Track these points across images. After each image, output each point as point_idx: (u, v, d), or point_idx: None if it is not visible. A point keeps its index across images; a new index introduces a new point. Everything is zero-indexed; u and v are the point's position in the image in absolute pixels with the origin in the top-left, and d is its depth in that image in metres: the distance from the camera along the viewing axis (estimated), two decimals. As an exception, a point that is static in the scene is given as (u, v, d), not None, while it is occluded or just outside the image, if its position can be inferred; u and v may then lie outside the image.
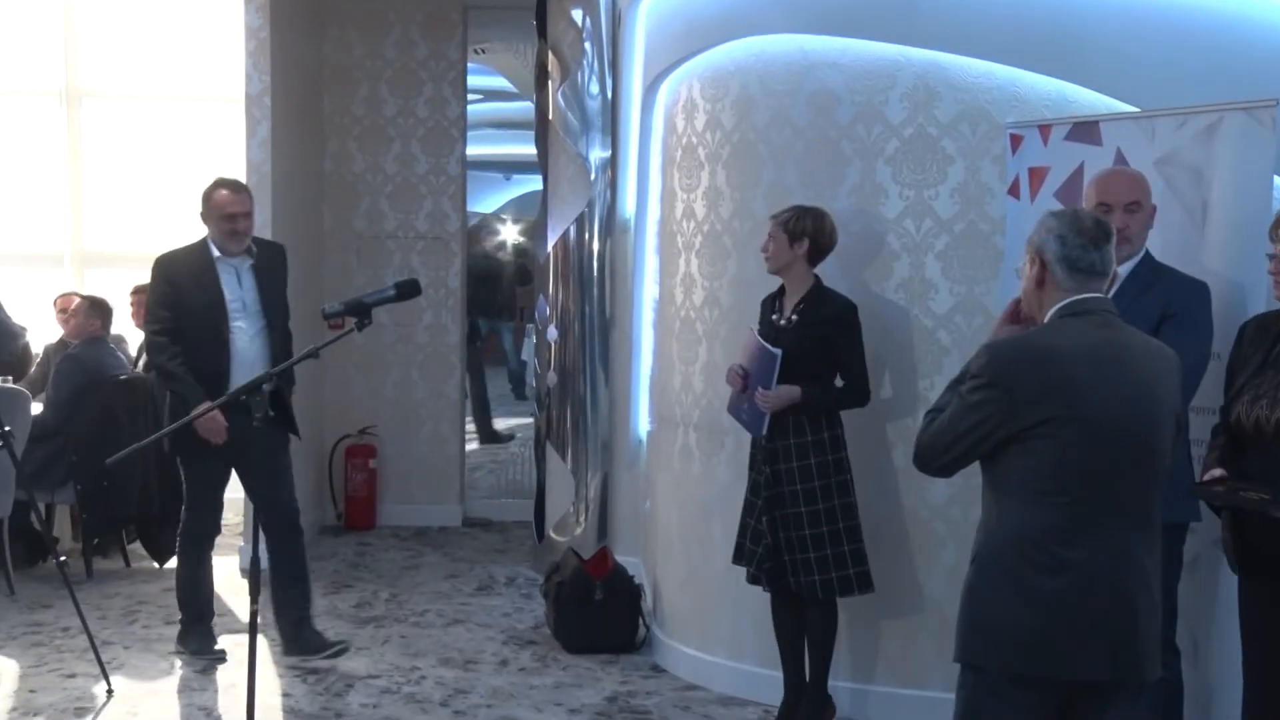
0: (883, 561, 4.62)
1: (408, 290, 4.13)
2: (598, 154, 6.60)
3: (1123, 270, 3.64)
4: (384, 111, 8.18)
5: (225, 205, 5.17)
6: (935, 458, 2.91)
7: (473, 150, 8.40)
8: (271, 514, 5.16)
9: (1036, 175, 4.31)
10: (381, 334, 8.11)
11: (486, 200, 9.20)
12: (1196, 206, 3.82)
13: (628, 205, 6.51)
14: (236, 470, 5.36)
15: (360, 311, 3.95)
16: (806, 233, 4.48)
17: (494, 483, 8.96)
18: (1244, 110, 3.74)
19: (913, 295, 4.69)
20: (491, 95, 8.88)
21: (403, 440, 8.24)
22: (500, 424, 9.81)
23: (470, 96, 8.36)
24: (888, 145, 4.71)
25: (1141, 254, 3.69)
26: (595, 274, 6.64)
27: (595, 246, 6.64)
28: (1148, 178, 3.82)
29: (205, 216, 5.22)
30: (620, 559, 5.99)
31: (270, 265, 5.33)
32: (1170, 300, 3.57)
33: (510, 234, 9.18)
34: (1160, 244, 3.82)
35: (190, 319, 5.16)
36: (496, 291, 13.28)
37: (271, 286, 5.31)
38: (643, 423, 6.32)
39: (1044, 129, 4.30)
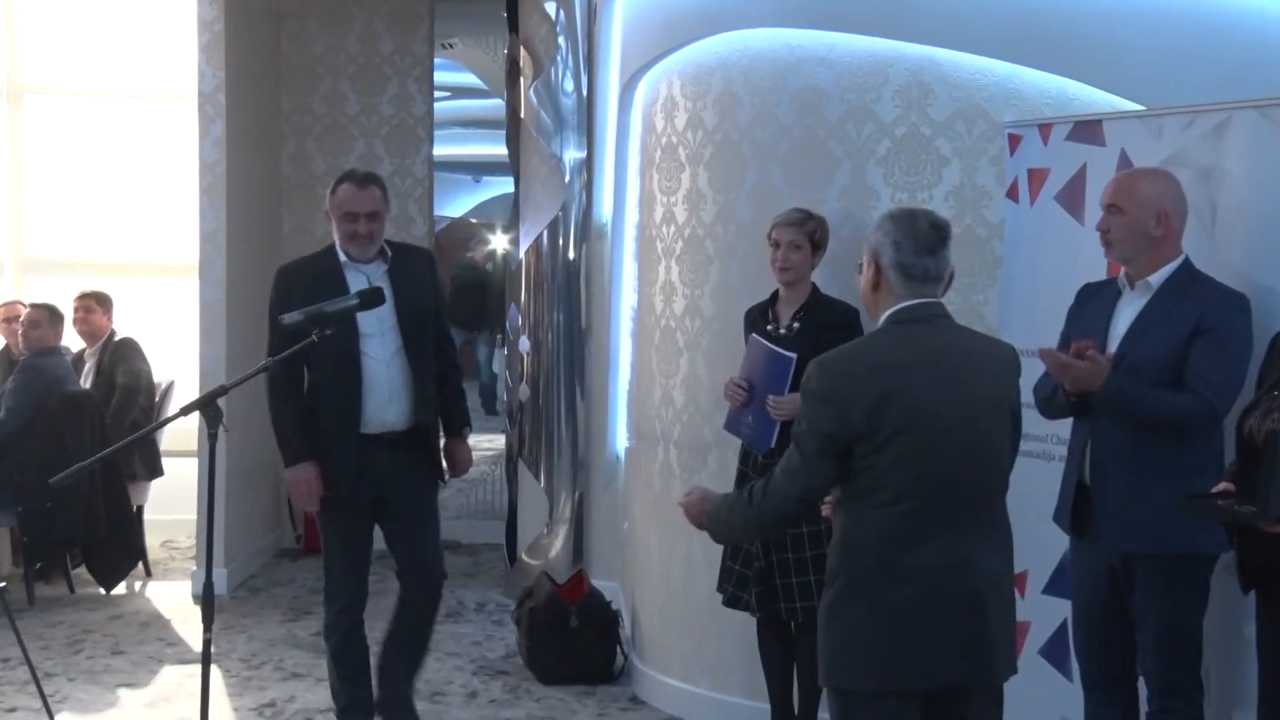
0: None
1: (370, 299, 4.10)
2: (572, 154, 6.59)
3: (1155, 279, 3.64)
4: (346, 109, 8.14)
5: (345, 202, 4.53)
6: (785, 503, 3.04)
7: (440, 150, 8.38)
8: (413, 573, 4.75)
9: (1036, 177, 4.31)
10: (343, 345, 8.06)
11: (455, 203, 9.16)
12: (1205, 209, 3.81)
13: (604, 209, 6.49)
14: (379, 522, 4.73)
15: (321, 321, 3.91)
16: (826, 241, 4.53)
17: (463, 502, 8.91)
18: (1255, 108, 3.74)
19: (906, 304, 4.67)
20: (460, 92, 8.85)
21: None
22: (470, 440, 9.79)
23: (437, 94, 8.34)
24: (879, 145, 4.71)
25: (1180, 260, 3.65)
26: (570, 281, 6.62)
27: (570, 253, 6.62)
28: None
29: (329, 215, 4.64)
30: (597, 583, 5.96)
31: (410, 274, 4.64)
32: (1205, 313, 3.54)
33: (501, 242, 9.14)
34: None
35: (314, 342, 4.45)
36: (482, 302, 13.30)
37: (411, 299, 4.60)
38: (620, 439, 6.30)
39: (1044, 128, 4.30)
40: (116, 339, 7.27)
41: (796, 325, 4.48)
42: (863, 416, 2.92)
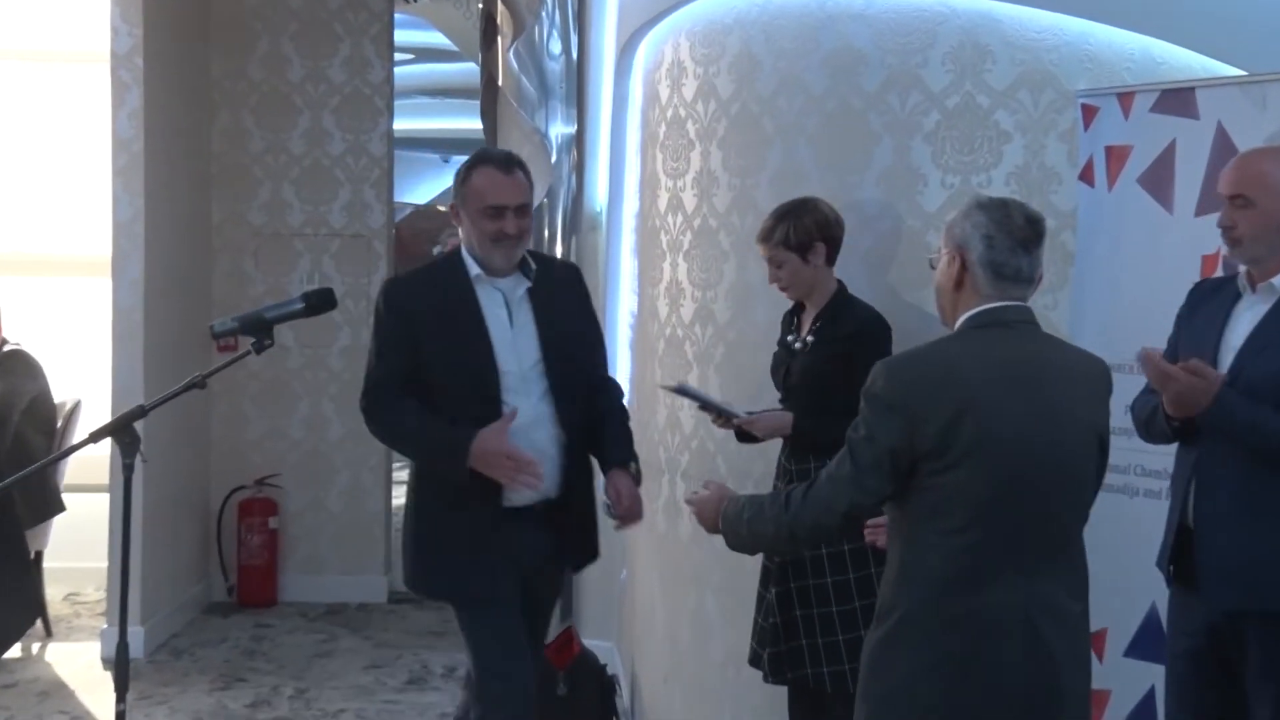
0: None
1: (319, 302, 4.10)
2: (560, 129, 6.59)
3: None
4: (288, 75, 8.15)
5: (489, 191, 4.18)
6: (828, 516, 3.12)
7: (401, 125, 8.38)
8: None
9: (1116, 156, 4.31)
10: (286, 358, 8.07)
11: (419, 188, 9.20)
12: (1319, 195, 3.81)
13: (598, 194, 6.50)
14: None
15: (259, 329, 3.91)
16: (814, 235, 4.45)
17: (428, 546, 8.91)
18: (1379, 73, 3.75)
19: (960, 308, 4.67)
20: (425, 55, 8.89)
21: (312, 493, 8.19)
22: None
23: (398, 57, 8.35)
24: (926, 118, 4.71)
25: None
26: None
27: (558, 247, 6.61)
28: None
29: (458, 210, 4.27)
30: (589, 643, 5.95)
31: (558, 295, 4.34)
32: None
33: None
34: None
35: (441, 372, 4.20)
36: None
37: (561, 330, 4.29)
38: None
39: (1125, 98, 4.31)
40: (6, 349, 7.21)
41: (811, 338, 4.46)
42: (933, 431, 3.00)
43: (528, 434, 4.14)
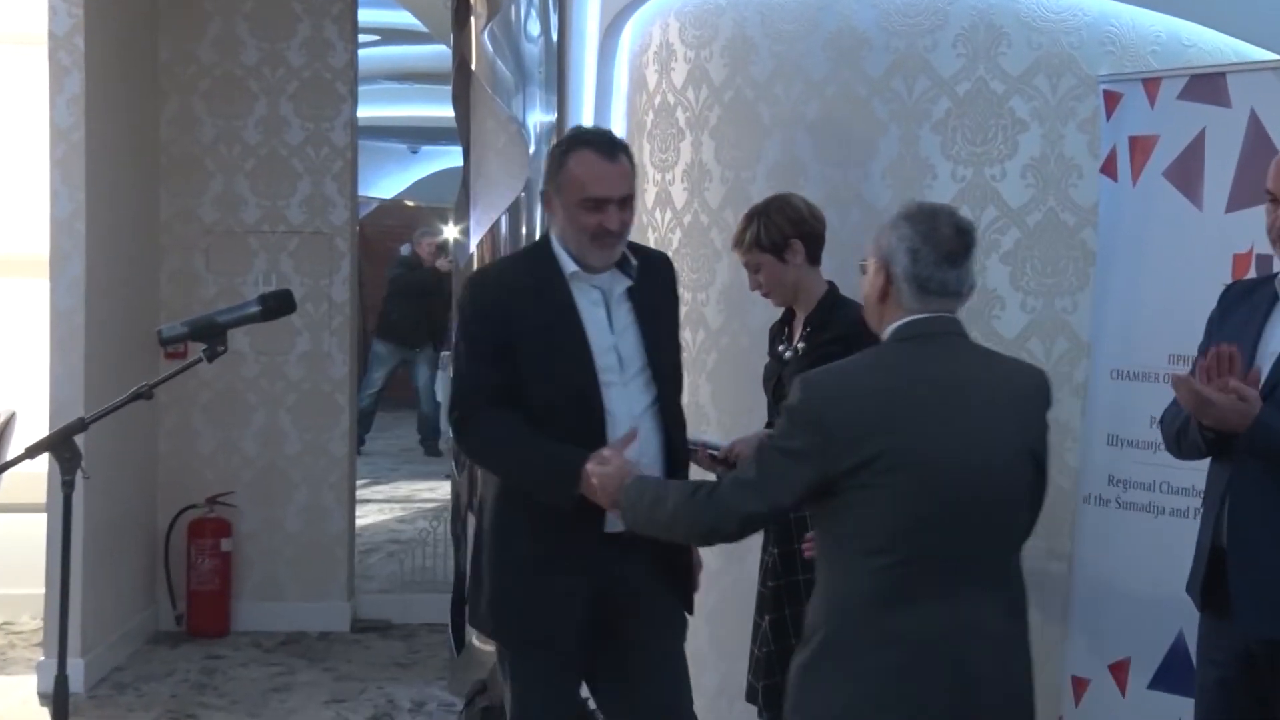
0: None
1: (276, 305, 4.09)
2: (539, 118, 6.59)
3: None
4: (243, 59, 8.14)
5: (590, 180, 3.95)
6: (726, 519, 3.28)
7: (366, 112, 8.36)
8: None
9: (1141, 147, 4.33)
10: (240, 366, 8.06)
11: (385, 181, 9.21)
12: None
13: (580, 188, 6.49)
14: (596, 669, 4.15)
15: (210, 335, 3.91)
16: (787, 232, 4.41)
17: (395, 570, 8.90)
18: None
19: (971, 311, 4.65)
20: (392, 36, 8.88)
21: (268, 513, 8.17)
22: (405, 488, 9.81)
23: (363, 38, 8.34)
24: (936, 106, 4.73)
25: None
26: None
27: (536, 244, 6.61)
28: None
29: (551, 198, 4.07)
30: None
31: (657, 289, 4.17)
32: None
33: (447, 232, 9.13)
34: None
35: (535, 381, 3.98)
36: (423, 310, 13.35)
37: (665, 331, 4.18)
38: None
39: (1150, 84, 4.32)
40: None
41: (802, 345, 4.45)
42: (849, 450, 3.11)
43: (631, 450, 3.87)
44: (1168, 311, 4.18)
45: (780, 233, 4.39)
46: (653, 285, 4.12)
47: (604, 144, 3.99)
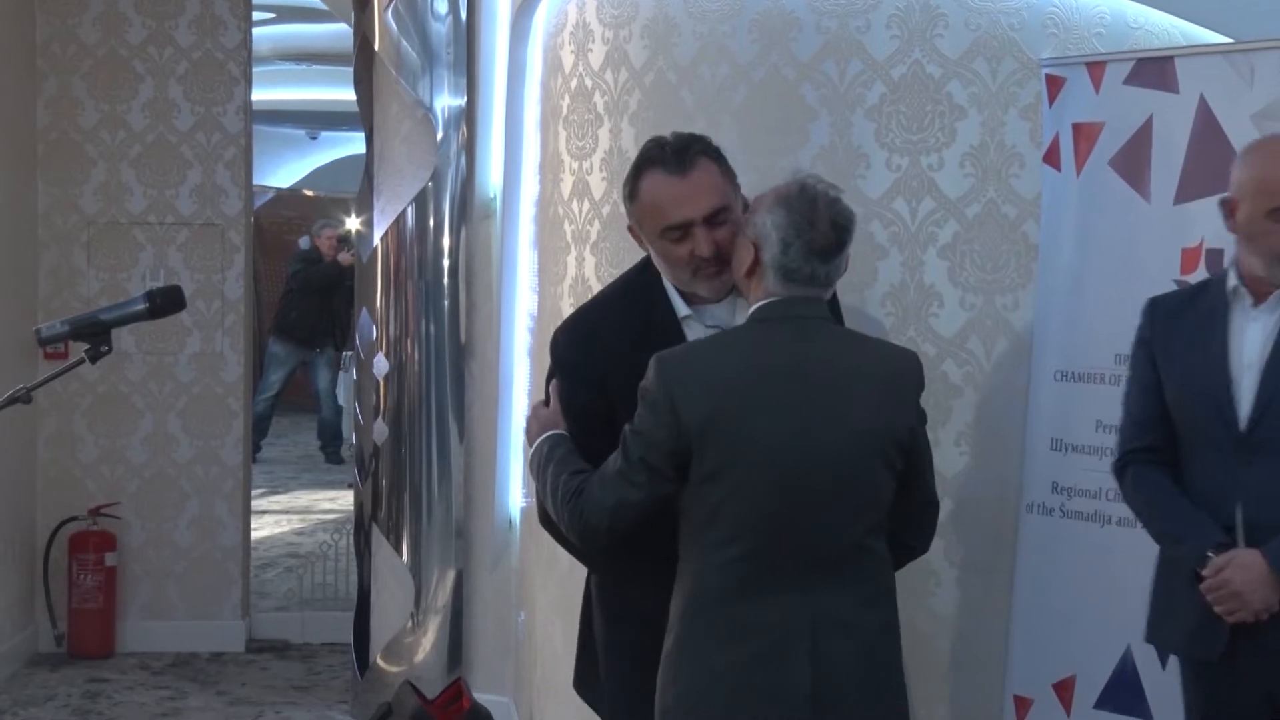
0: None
1: (165, 303, 4.05)
2: (447, 102, 6.57)
3: None
4: (127, 37, 8.08)
5: (663, 206, 3.65)
6: (596, 514, 3.37)
7: (261, 95, 8.33)
8: None
9: (1085, 135, 4.36)
10: (126, 367, 7.99)
11: (283, 169, 9.16)
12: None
13: (491, 178, 6.48)
14: None
15: (94, 334, 3.87)
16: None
17: (294, 586, 8.86)
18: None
19: (906, 309, 4.70)
20: (289, 14, 8.84)
21: (156, 525, 8.11)
22: (304, 498, 9.77)
23: (257, 16, 8.32)
24: (869, 91, 4.73)
25: None
26: (445, 279, 6.60)
27: (444, 238, 6.60)
28: (1240, 137, 3.87)
29: (637, 233, 3.80)
30: (481, 698, 5.94)
31: None
32: None
33: (348, 224, 9.10)
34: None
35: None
36: (322, 308, 13.30)
37: None
38: (514, 496, 6.28)
39: (1095, 68, 4.35)
40: None
41: None
42: (694, 433, 3.27)
43: None
44: (1114, 309, 4.20)
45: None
46: None
47: (671, 158, 3.65)
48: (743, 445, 3.27)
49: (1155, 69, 4.22)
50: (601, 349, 3.72)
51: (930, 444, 3.64)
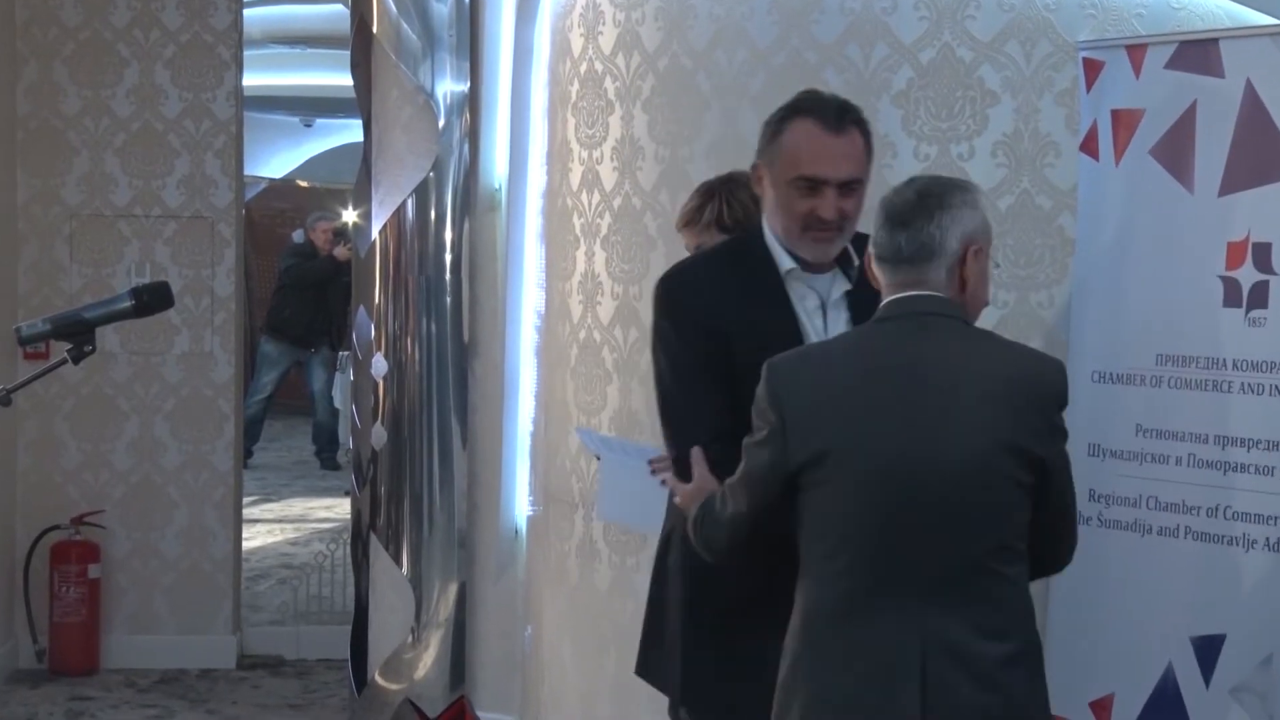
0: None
1: (151, 300, 4.06)
2: (449, 87, 6.57)
3: None
4: (112, 20, 8.09)
5: (805, 156, 3.68)
6: (718, 539, 3.47)
7: (254, 81, 8.33)
8: None
9: (1125, 122, 4.36)
10: (110, 368, 8.00)
11: (276, 158, 9.18)
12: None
13: (496, 167, 6.49)
14: None
15: (77, 333, 3.88)
16: (752, 211, 4.39)
17: (288, 599, 8.87)
18: None
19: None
20: (283, -4, 8.86)
21: (143, 535, 8.12)
22: (298, 506, 9.79)
23: (249, -3, 8.31)
24: (896, 76, 4.74)
25: None
26: (447, 274, 6.60)
27: (447, 232, 6.60)
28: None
29: (762, 175, 3.80)
30: (485, 717, 5.94)
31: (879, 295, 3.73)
32: None
33: (345, 216, 9.11)
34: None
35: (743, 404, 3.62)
36: (318, 305, 13.30)
37: None
38: (521, 505, 6.29)
39: (1135, 51, 4.35)
40: None
41: None
42: (799, 442, 3.26)
43: None
44: (1155, 306, 4.20)
45: (745, 211, 4.34)
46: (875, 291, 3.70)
47: (830, 112, 3.70)
48: (844, 453, 3.24)
49: (1199, 52, 4.22)
50: (710, 294, 3.77)
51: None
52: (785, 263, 3.76)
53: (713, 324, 3.73)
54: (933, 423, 3.21)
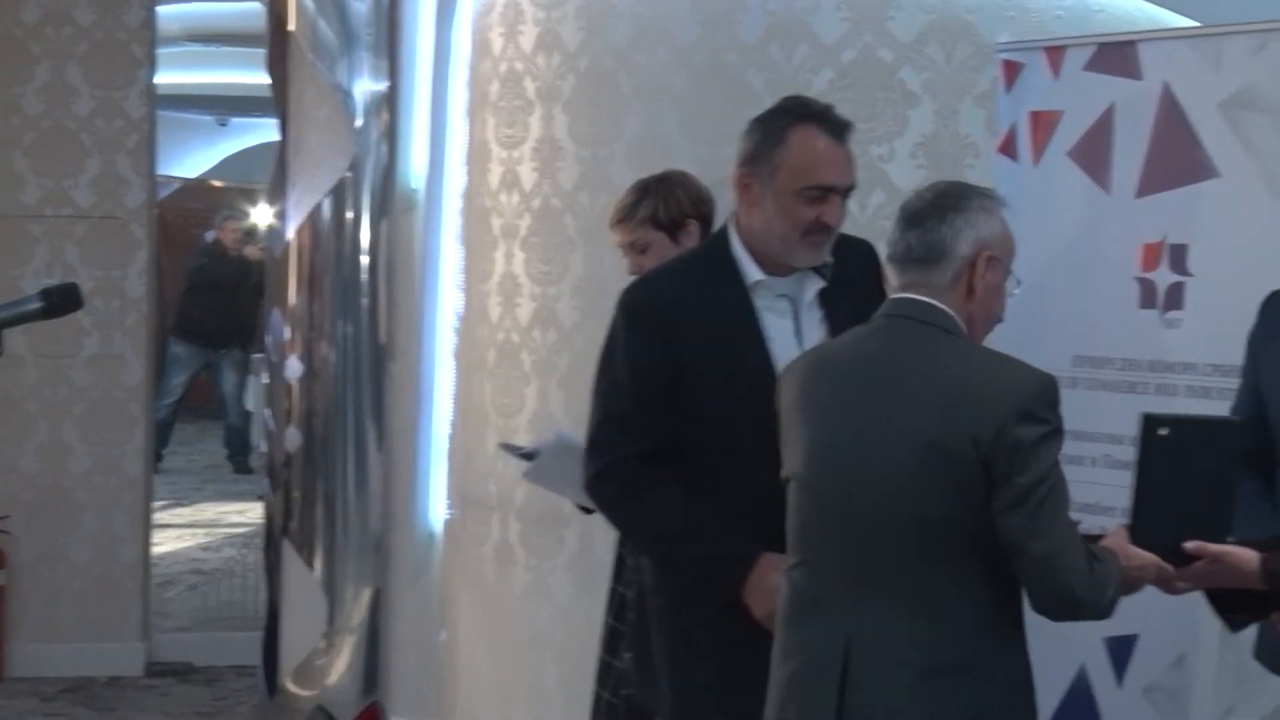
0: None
1: (61, 302, 4.04)
2: (367, 86, 6.57)
3: None
4: (22, 16, 8.04)
5: (814, 166, 3.69)
6: None
7: (166, 79, 8.29)
8: None
9: (1042, 123, 4.40)
10: (18, 371, 7.95)
11: (189, 158, 9.14)
12: (1283, 173, 3.95)
13: (414, 167, 6.49)
14: None
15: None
16: (687, 211, 4.44)
17: (199, 605, 8.83)
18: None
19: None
20: (197, -8, 8.82)
21: (50, 541, 8.06)
22: (210, 511, 9.74)
23: (163, -6, 8.28)
24: (817, 76, 4.77)
25: None
26: (363, 275, 6.60)
27: (363, 233, 6.59)
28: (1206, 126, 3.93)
29: (752, 184, 3.77)
30: (400, 724, 5.94)
31: (857, 289, 3.77)
32: None
33: (264, 215, 9.06)
34: (1227, 228, 3.94)
35: (702, 420, 3.73)
36: (230, 306, 13.22)
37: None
38: (437, 509, 6.29)
39: (1054, 53, 4.39)
40: None
41: None
42: (785, 434, 3.38)
43: None
44: (1072, 308, 4.25)
45: (681, 210, 4.37)
46: (852, 284, 3.77)
47: (834, 122, 3.72)
48: (802, 454, 3.30)
49: (1117, 54, 4.26)
50: (672, 304, 3.77)
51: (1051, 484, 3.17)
52: (753, 274, 3.75)
53: (664, 335, 3.74)
54: (870, 426, 3.19)
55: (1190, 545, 3.26)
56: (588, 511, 4.47)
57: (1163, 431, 3.28)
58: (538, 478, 4.64)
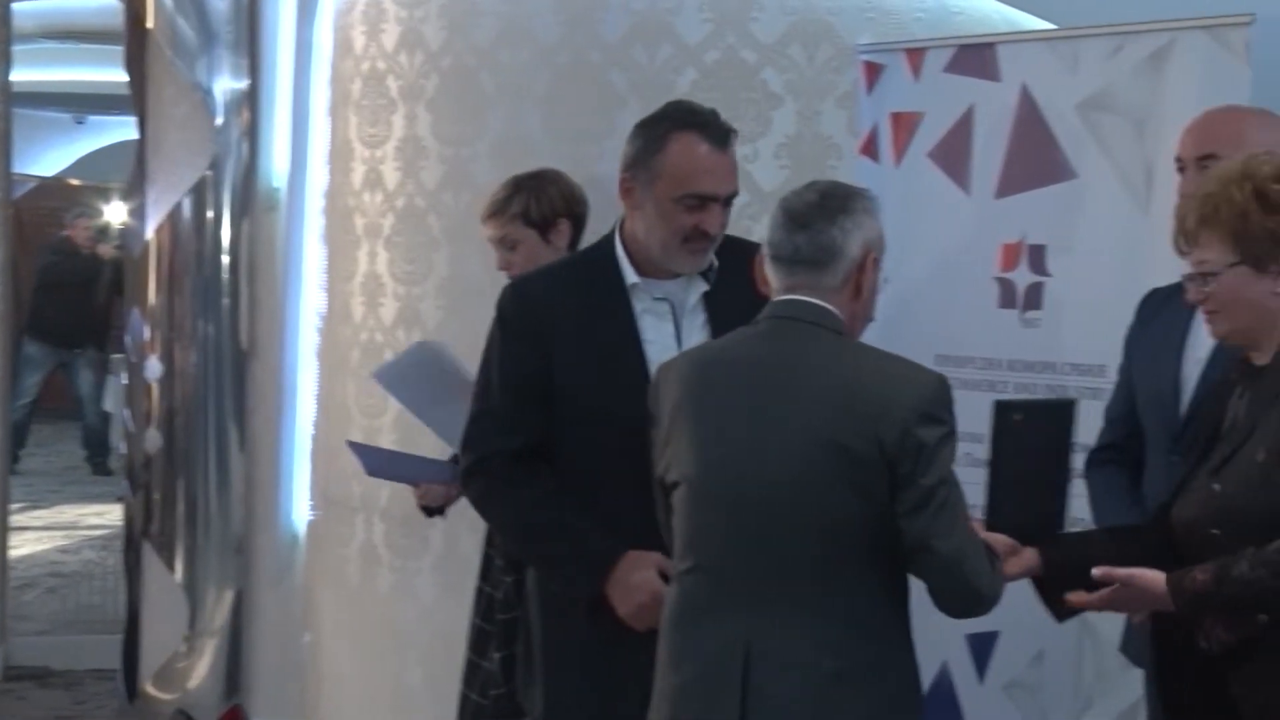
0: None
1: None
2: (227, 84, 6.51)
3: None
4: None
5: (694, 174, 3.67)
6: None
7: (21, 76, 8.19)
8: None
9: (903, 124, 4.44)
10: None
11: (45, 156, 9.03)
12: (1137, 172, 4.02)
13: (276, 166, 6.45)
14: None
15: None
16: (559, 209, 4.46)
17: (57, 609, 8.74)
18: (1204, 29, 3.94)
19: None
20: (52, -12, 8.71)
21: (-97, 543, 7.97)
22: (68, 513, 9.64)
23: (17, -11, 8.18)
24: (681, 77, 4.79)
25: None
26: (224, 275, 6.55)
27: (224, 232, 6.55)
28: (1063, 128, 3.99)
29: (634, 189, 3.74)
30: (263, 727, 5.91)
31: (741, 293, 3.65)
32: None
33: (118, 213, 8.98)
34: (1084, 228, 3.99)
35: (576, 421, 3.73)
36: (86, 305, 13.06)
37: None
38: (300, 510, 6.26)
39: (914, 55, 4.44)
40: None
41: None
42: (661, 441, 3.31)
43: None
44: (934, 307, 4.29)
45: (552, 208, 4.38)
46: (736, 288, 3.69)
47: (716, 129, 3.69)
48: (688, 458, 3.22)
49: (976, 56, 4.31)
50: (546, 306, 3.75)
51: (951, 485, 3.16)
52: (630, 276, 3.74)
53: (537, 336, 3.73)
54: (760, 428, 3.14)
55: (1098, 571, 3.19)
56: (429, 513, 4.51)
57: (1017, 417, 3.34)
58: (387, 382, 4.63)
